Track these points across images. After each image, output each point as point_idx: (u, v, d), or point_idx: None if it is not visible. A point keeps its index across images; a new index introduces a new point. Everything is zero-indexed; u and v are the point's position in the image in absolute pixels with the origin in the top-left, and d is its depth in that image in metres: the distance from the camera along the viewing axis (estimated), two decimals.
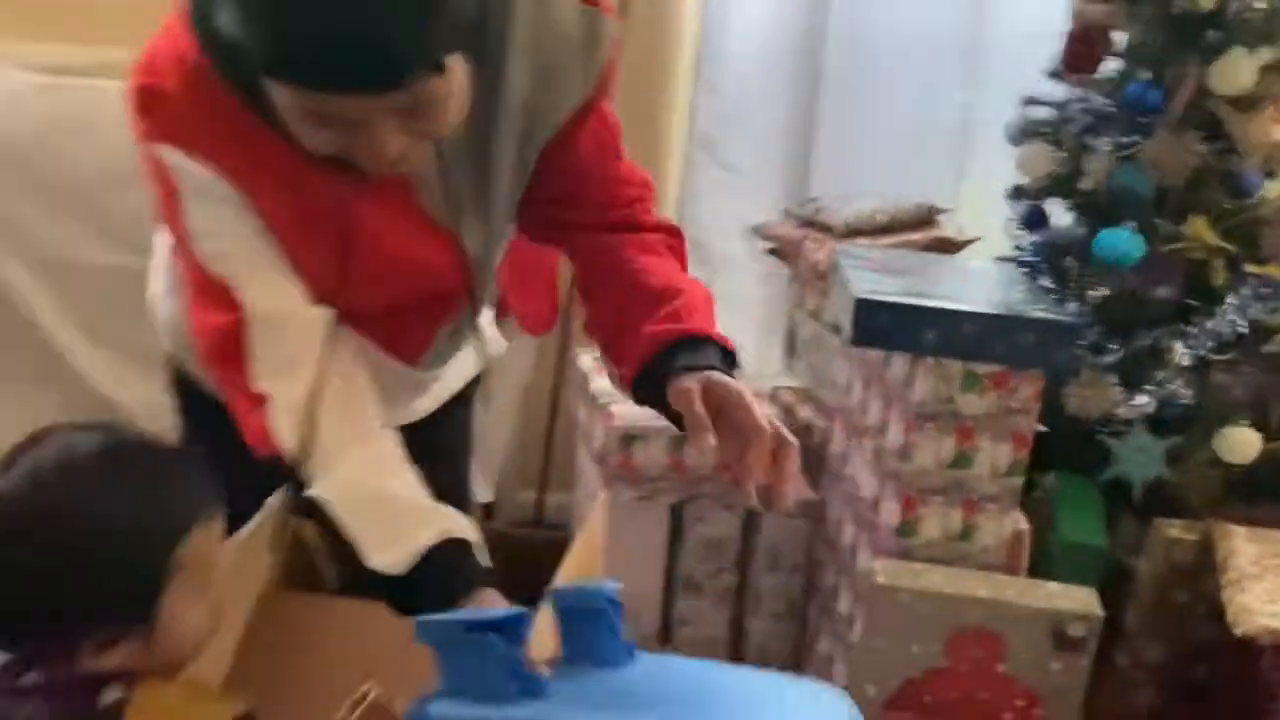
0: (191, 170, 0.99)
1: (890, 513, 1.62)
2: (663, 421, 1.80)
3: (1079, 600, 1.51)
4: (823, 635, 1.89)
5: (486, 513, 2.28)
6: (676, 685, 0.95)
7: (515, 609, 0.94)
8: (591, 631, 0.94)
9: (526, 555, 1.37)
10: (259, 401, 1.04)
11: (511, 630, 0.89)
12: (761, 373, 2.35)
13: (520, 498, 2.36)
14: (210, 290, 1.05)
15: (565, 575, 1.23)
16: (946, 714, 1.54)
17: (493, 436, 2.12)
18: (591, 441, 2.00)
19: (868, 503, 1.71)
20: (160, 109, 0.99)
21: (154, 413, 2.35)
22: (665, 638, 2.06)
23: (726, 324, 2.51)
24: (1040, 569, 1.67)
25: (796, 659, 2.03)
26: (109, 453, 0.89)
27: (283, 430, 1.04)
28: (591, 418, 2.00)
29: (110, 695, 0.86)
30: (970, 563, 1.60)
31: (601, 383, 2.03)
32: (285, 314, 1.06)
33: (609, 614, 0.95)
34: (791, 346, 2.25)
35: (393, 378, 1.21)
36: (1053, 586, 1.54)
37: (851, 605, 1.74)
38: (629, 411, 1.91)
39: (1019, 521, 1.64)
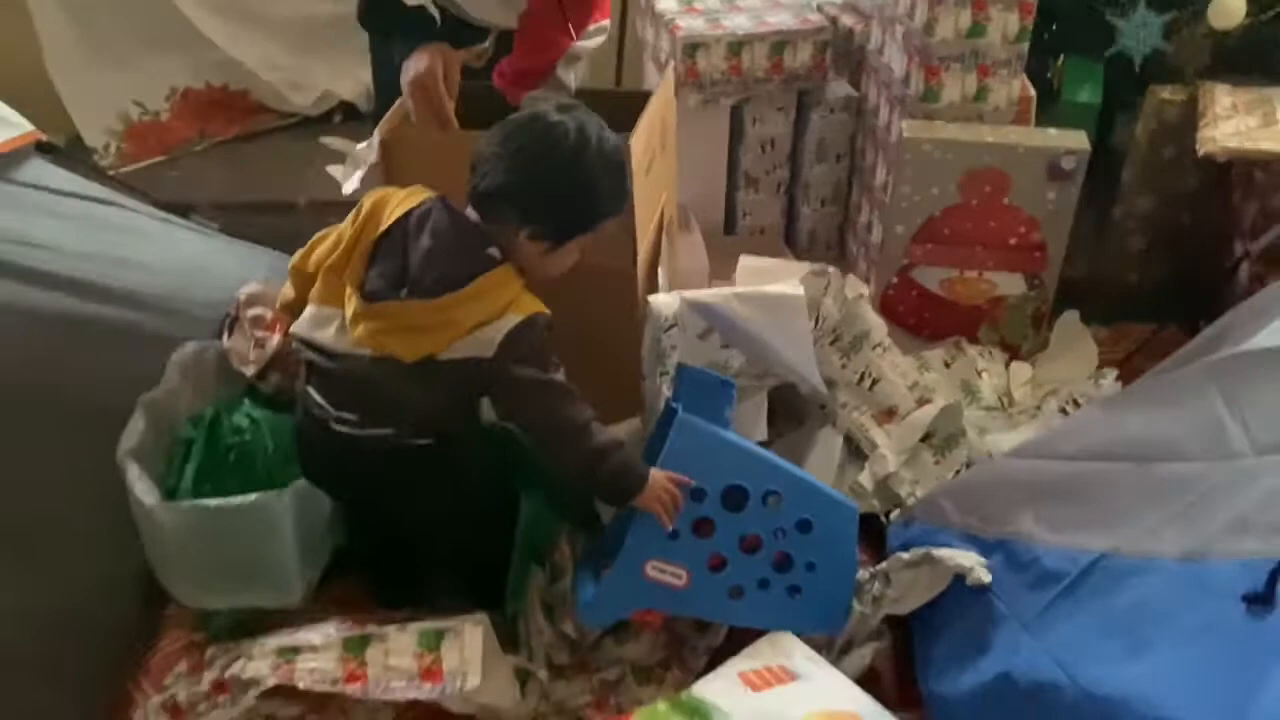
0: None
1: (916, 83, 1.91)
2: (720, 30, 2.17)
3: (1072, 140, 1.82)
4: (863, 208, 2.25)
5: None
6: None
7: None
8: (709, 407, 1.39)
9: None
10: None
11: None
12: None
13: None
14: None
15: (647, 121, 1.57)
16: (961, 242, 1.90)
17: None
18: (659, 55, 2.30)
19: (898, 80, 2.01)
20: None
21: (268, 67, 2.69)
22: (729, 228, 2.44)
23: None
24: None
25: (840, 236, 2.40)
26: (615, 145, 1.35)
27: None
28: (658, 33, 2.28)
29: (493, 251, 1.32)
30: (984, 121, 1.91)
31: (665, 3, 2.30)
32: None
33: (725, 396, 1.42)
34: None
35: None
36: (1050, 131, 1.85)
37: (886, 174, 2.08)
38: (691, 24, 2.20)
39: (1026, 86, 1.93)
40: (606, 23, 1.81)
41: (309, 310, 1.37)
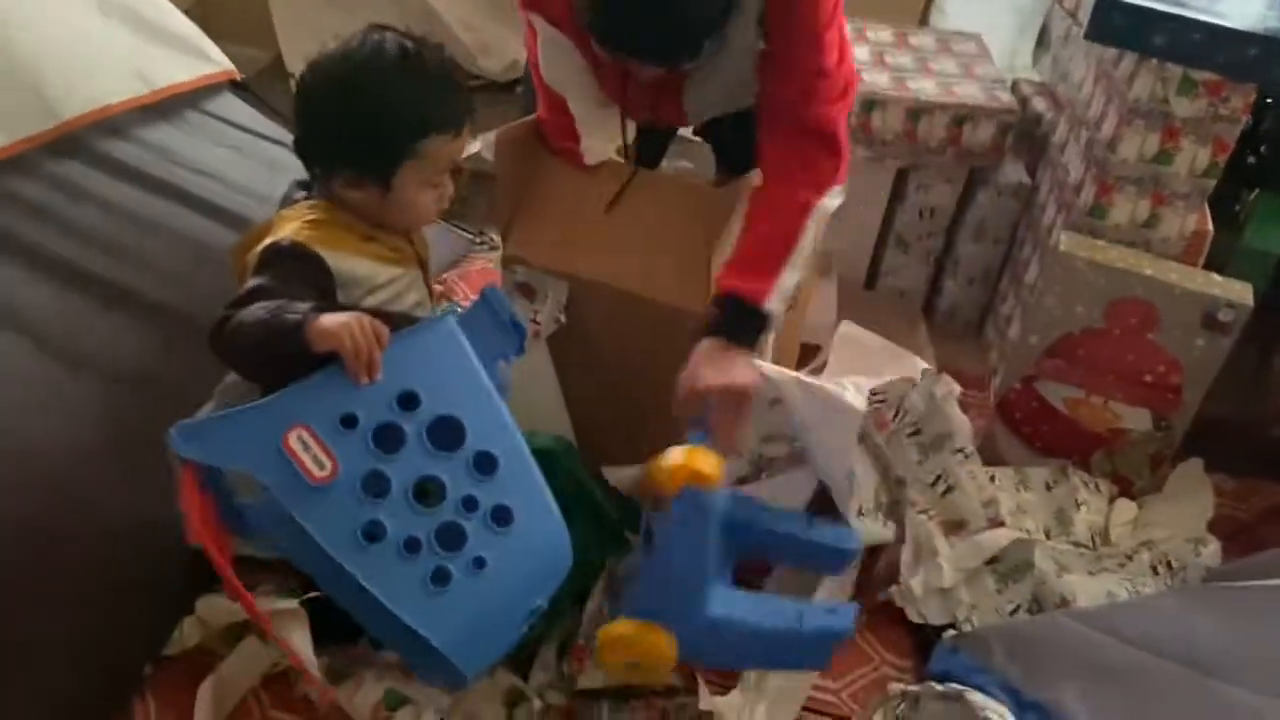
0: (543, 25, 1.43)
1: (1087, 195, 1.84)
2: (903, 91, 2.10)
3: (1236, 291, 1.72)
4: (1009, 299, 2.18)
5: None
6: None
7: None
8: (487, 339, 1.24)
9: None
10: None
11: None
12: (1012, 65, 2.52)
13: None
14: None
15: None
16: (1094, 366, 1.83)
17: None
18: None
19: (1071, 186, 1.93)
20: None
21: (465, 27, 2.77)
22: (870, 284, 2.40)
23: (984, 17, 2.65)
24: (1216, 269, 1.87)
25: (980, 318, 2.34)
26: (407, 51, 1.27)
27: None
28: None
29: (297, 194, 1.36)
30: (1150, 250, 1.83)
31: (857, 50, 2.26)
32: None
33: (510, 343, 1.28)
34: (1043, 40, 2.38)
35: None
36: (1214, 277, 1.75)
37: (1037, 276, 2.01)
38: (876, 80, 2.16)
39: (1203, 221, 1.83)
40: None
41: None
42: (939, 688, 1.37)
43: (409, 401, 1.12)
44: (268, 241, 1.25)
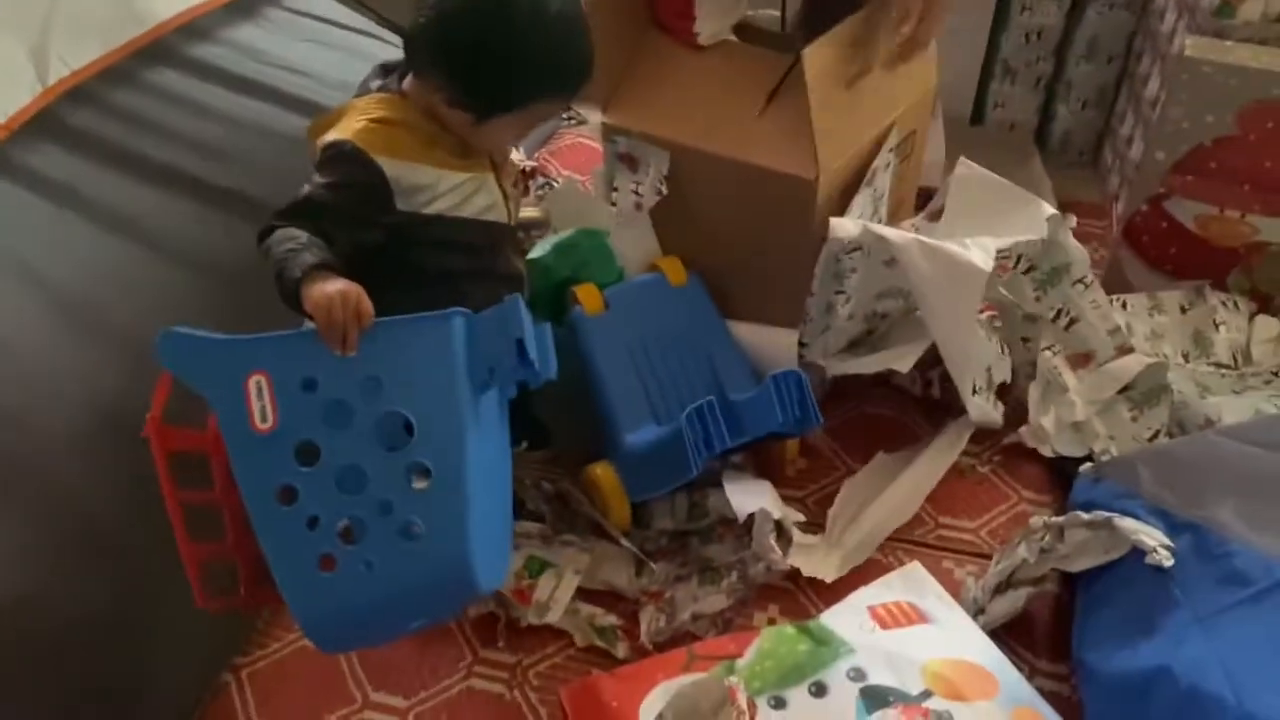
0: None
1: None
2: None
3: None
4: (1128, 119, 2.06)
5: None
6: None
7: None
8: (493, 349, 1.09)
9: None
10: None
11: None
12: None
13: None
14: None
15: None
16: (1228, 178, 1.72)
17: None
18: None
19: None
20: None
21: None
22: (976, 119, 2.29)
23: None
24: None
25: (1097, 143, 2.22)
26: (558, 11, 1.19)
27: None
28: None
29: (374, 84, 1.31)
30: None
31: None
32: None
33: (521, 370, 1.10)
34: None
35: None
36: None
37: (1159, 89, 1.89)
38: None
39: None
40: None
41: None
42: (1085, 516, 1.34)
43: (373, 386, 1.07)
44: (331, 138, 1.21)
